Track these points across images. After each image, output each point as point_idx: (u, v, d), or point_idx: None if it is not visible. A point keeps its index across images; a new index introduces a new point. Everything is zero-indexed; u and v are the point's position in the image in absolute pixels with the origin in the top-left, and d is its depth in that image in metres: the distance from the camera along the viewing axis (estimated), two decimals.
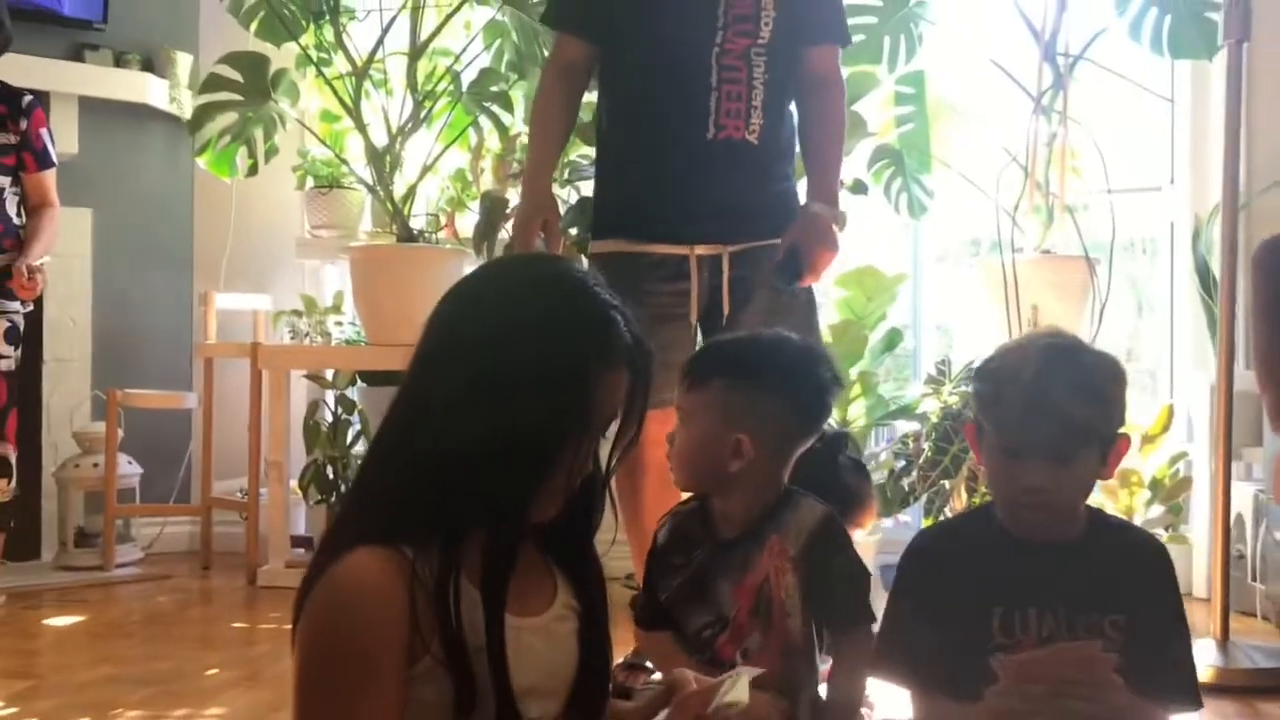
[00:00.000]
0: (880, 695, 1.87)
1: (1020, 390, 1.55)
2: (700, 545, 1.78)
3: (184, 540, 4.34)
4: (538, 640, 1.31)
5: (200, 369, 4.27)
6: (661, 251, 2.48)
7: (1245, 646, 2.76)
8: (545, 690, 1.31)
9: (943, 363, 3.60)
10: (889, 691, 1.75)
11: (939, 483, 3.38)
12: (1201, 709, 1.63)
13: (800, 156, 2.62)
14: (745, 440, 1.72)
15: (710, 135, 2.45)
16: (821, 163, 2.57)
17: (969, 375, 3.05)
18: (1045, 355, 1.58)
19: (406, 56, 3.85)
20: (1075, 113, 3.69)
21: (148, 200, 4.39)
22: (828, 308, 3.68)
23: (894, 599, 1.67)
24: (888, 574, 1.70)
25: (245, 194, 4.32)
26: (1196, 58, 3.69)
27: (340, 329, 4.12)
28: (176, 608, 3.56)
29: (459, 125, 3.95)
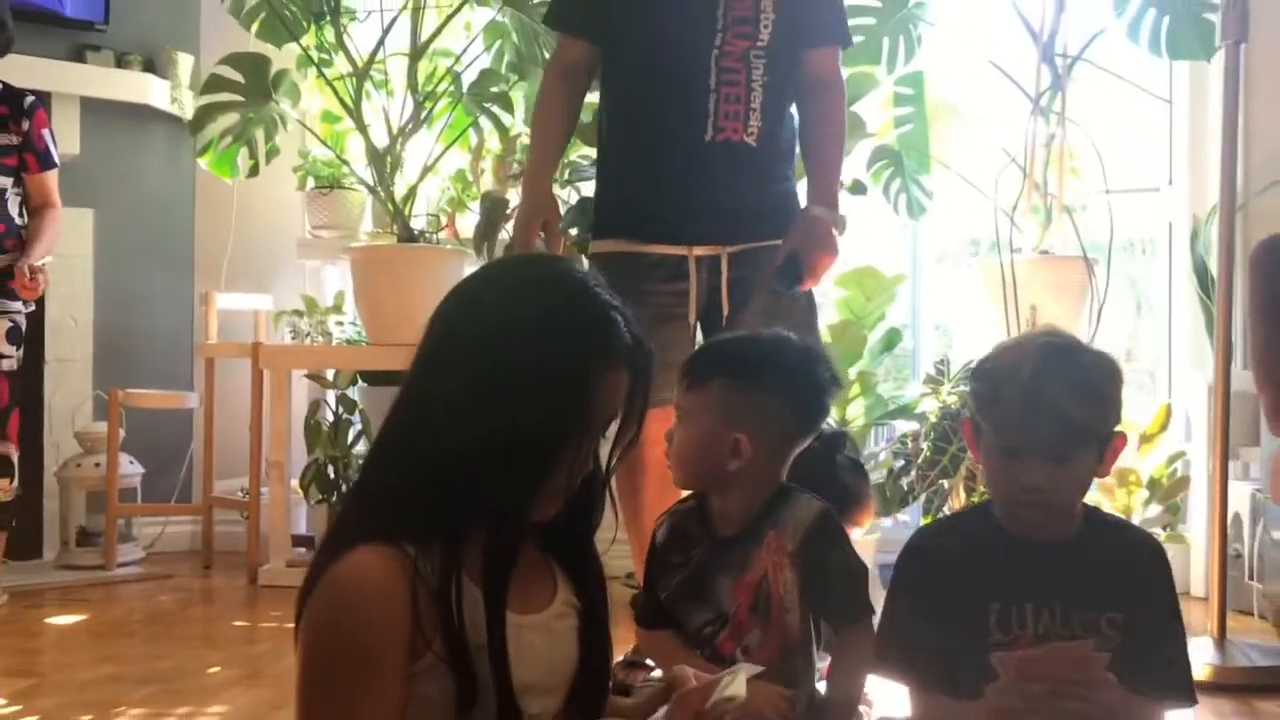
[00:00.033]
0: (879, 693, 1.88)
1: (1018, 389, 1.55)
2: (699, 544, 1.79)
3: (185, 540, 4.34)
4: (538, 637, 1.32)
5: (201, 369, 4.27)
6: (660, 252, 2.49)
7: (1242, 645, 2.77)
8: (545, 687, 1.32)
9: (941, 363, 3.61)
10: (887, 689, 1.76)
11: (938, 482, 3.40)
12: (1196, 705, 1.64)
13: (801, 158, 2.63)
14: (744, 439, 1.72)
15: (708, 137, 2.45)
16: (821, 166, 2.57)
17: (968, 375, 3.06)
18: (1043, 354, 1.58)
19: (407, 57, 3.86)
20: (1074, 113, 3.70)
21: (149, 201, 4.39)
22: (827, 308, 3.68)
23: (892, 596, 1.67)
24: (887, 573, 1.71)
25: (246, 194, 4.32)
26: (1194, 59, 3.69)
27: (341, 329, 4.13)
28: (178, 607, 3.57)
29: (459, 126, 3.95)
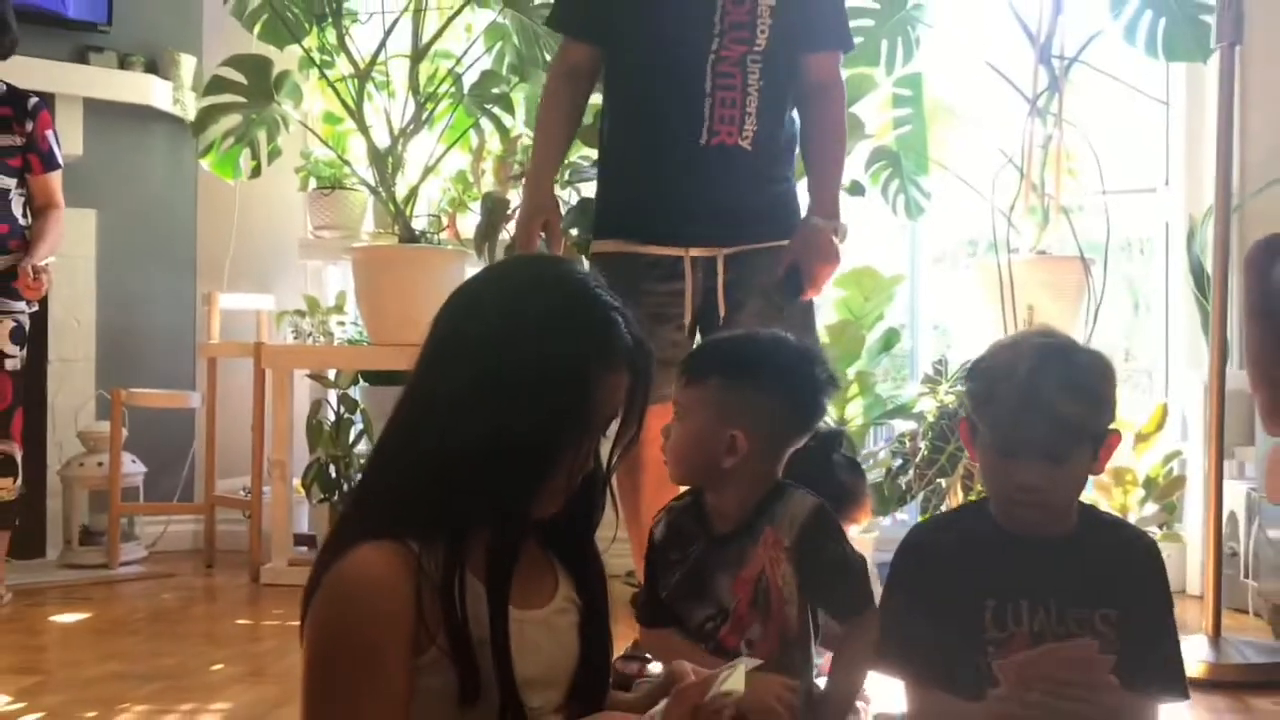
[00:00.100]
0: (876, 689, 1.90)
1: (1014, 389, 1.56)
2: (696, 540, 1.80)
3: (187, 538, 4.35)
4: (540, 632, 1.34)
5: (204, 369, 4.28)
6: (657, 252, 2.50)
7: (1237, 642, 2.79)
8: (547, 681, 1.34)
9: (939, 362, 3.63)
10: (885, 685, 1.78)
11: (935, 481, 3.42)
12: (1189, 700, 1.65)
13: (801, 160, 2.64)
14: (740, 436, 1.73)
15: (704, 141, 2.46)
16: (821, 174, 2.58)
17: (965, 374, 3.08)
18: (1038, 355, 1.58)
19: (408, 59, 3.87)
20: (1070, 115, 3.71)
21: (152, 201, 4.41)
22: (826, 308, 3.69)
23: (889, 592, 1.68)
24: (885, 571, 1.72)
25: (248, 195, 4.33)
26: (1190, 60, 3.71)
27: (343, 329, 4.14)
28: (181, 605, 3.58)
29: (460, 127, 3.97)
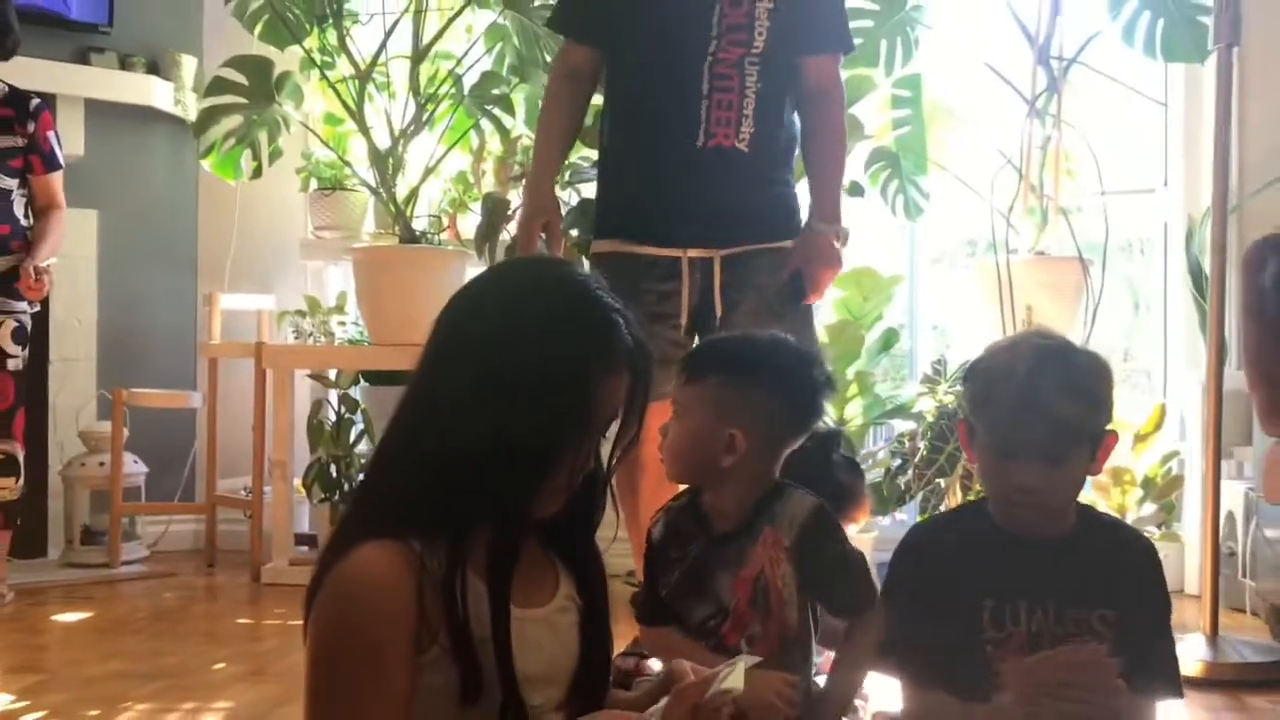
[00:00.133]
0: (875, 688, 1.90)
1: (1012, 390, 1.56)
2: (694, 539, 1.80)
3: (189, 538, 4.35)
4: (541, 631, 1.35)
5: (205, 369, 4.28)
6: (655, 253, 2.51)
7: (1234, 641, 2.79)
8: (548, 679, 1.35)
9: (938, 362, 3.64)
10: (883, 684, 1.78)
11: (934, 481, 3.43)
12: (1183, 698, 1.66)
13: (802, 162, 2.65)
14: (738, 435, 1.74)
15: (701, 143, 2.47)
16: (822, 177, 2.59)
17: (963, 375, 3.09)
18: (1036, 356, 1.59)
19: (409, 60, 3.88)
20: (1069, 116, 3.72)
21: (153, 202, 4.41)
22: (825, 308, 3.70)
23: (888, 592, 1.69)
24: (883, 571, 1.73)
25: (249, 196, 4.33)
26: (1189, 61, 3.72)
27: (343, 329, 4.15)
28: (182, 604, 3.59)
29: (461, 128, 3.97)
